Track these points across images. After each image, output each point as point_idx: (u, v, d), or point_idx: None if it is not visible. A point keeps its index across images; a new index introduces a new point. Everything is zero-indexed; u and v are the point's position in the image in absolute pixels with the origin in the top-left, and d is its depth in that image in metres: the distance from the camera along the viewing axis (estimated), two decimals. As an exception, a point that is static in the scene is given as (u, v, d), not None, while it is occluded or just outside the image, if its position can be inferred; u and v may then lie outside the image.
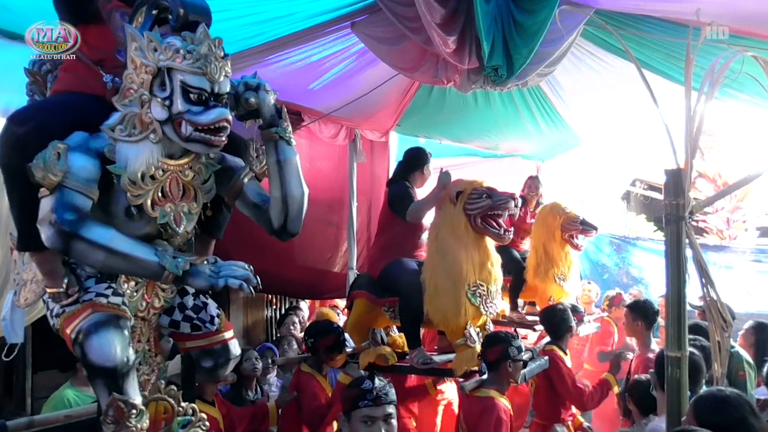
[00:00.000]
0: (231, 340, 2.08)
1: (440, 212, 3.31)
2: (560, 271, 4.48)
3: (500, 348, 3.06)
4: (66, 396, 3.11)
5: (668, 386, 2.04)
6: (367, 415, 1.99)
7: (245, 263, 1.71)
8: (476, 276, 3.16)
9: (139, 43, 1.66)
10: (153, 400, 1.94)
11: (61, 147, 1.62)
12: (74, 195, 1.62)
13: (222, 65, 1.69)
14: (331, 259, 5.33)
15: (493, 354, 3.07)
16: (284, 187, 1.85)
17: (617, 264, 7.79)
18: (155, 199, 1.75)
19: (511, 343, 3.06)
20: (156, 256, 1.64)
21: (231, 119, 1.71)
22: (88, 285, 1.81)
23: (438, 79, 3.59)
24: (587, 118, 5.64)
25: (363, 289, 3.55)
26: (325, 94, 4.31)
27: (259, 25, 3.26)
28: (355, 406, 2.02)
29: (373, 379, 2.08)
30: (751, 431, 1.82)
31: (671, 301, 2.07)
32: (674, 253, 2.06)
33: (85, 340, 1.68)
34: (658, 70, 3.91)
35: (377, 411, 2.00)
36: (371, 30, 3.50)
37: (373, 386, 2.03)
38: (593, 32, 3.85)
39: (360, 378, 2.18)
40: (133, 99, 1.69)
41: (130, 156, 1.69)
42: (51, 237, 1.60)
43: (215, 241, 2.26)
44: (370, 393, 2.01)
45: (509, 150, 6.66)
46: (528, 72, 3.48)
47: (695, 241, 2.09)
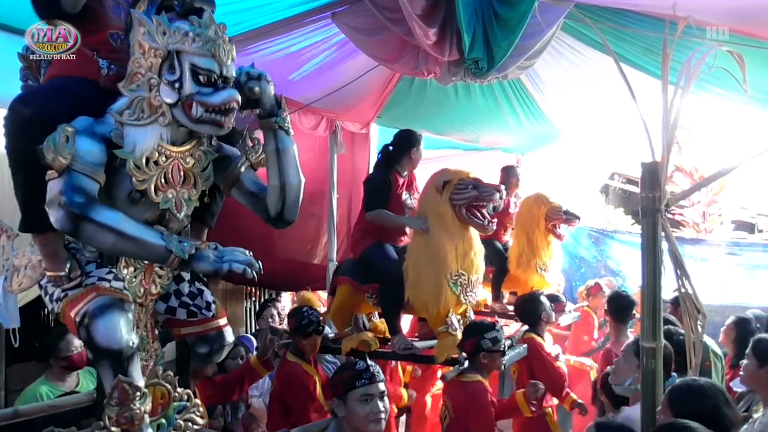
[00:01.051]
0: (225, 327, 2.12)
1: (426, 201, 3.34)
2: (542, 261, 4.54)
3: (473, 340, 3.11)
4: (39, 391, 3.07)
5: (643, 377, 2.07)
6: (366, 393, 2.07)
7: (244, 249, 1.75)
8: (458, 265, 3.21)
9: (147, 27, 1.68)
10: (151, 385, 1.96)
11: (69, 130, 1.64)
12: (82, 178, 1.64)
13: (229, 49, 1.74)
14: (311, 251, 5.32)
15: (468, 346, 3.13)
16: (282, 175, 1.90)
17: (595, 257, 7.87)
18: (158, 184, 1.78)
19: (483, 336, 3.10)
20: (163, 240, 1.67)
21: (239, 100, 1.74)
22: (89, 269, 1.83)
23: (418, 70, 3.58)
24: (567, 111, 5.68)
25: (346, 275, 3.57)
26: (305, 85, 4.27)
27: (239, 14, 3.22)
28: (352, 387, 2.09)
29: (365, 359, 2.17)
30: (724, 420, 1.86)
31: (647, 292, 2.10)
32: (650, 245, 2.09)
33: (91, 322, 1.70)
34: (636, 64, 3.94)
35: (374, 388, 2.09)
36: (352, 20, 3.48)
37: (367, 366, 2.12)
38: (573, 26, 3.87)
39: (350, 361, 2.23)
40: (141, 83, 1.71)
41: (139, 139, 1.71)
42: (60, 219, 1.62)
43: (207, 229, 2.27)
44: (366, 372, 2.11)
45: (490, 143, 6.69)
46: (508, 65, 3.49)
47: (671, 233, 2.12)
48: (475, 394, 3.06)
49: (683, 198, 6.08)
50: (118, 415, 1.73)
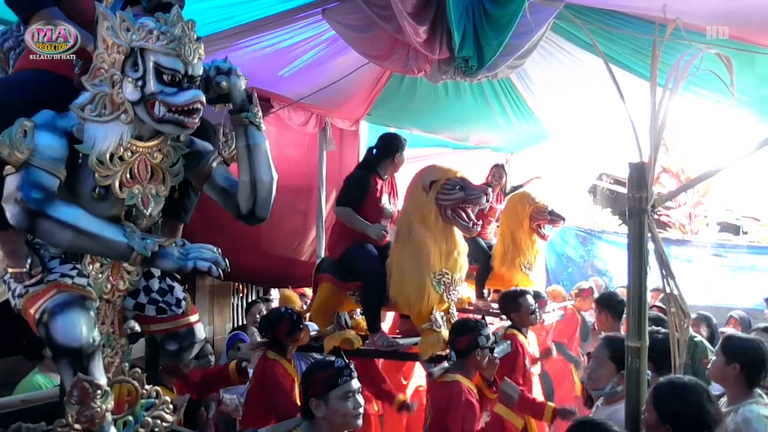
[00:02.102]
0: (196, 324, 2.08)
1: (411, 199, 3.32)
2: (526, 259, 4.56)
3: (470, 337, 3.09)
4: (36, 381, 3.09)
5: (628, 375, 2.09)
6: (347, 390, 2.08)
7: (213, 246, 1.71)
8: (442, 264, 3.21)
9: (111, 22, 1.64)
10: (117, 382, 1.94)
11: (27, 125, 1.59)
12: (40, 173, 1.60)
13: (196, 47, 1.69)
14: (298, 248, 5.30)
15: (462, 343, 3.10)
16: (253, 172, 1.85)
17: (582, 256, 7.92)
18: (123, 180, 1.74)
19: (480, 333, 3.09)
20: (124, 237, 1.63)
21: (204, 101, 1.71)
22: (53, 265, 1.79)
23: (408, 68, 3.59)
24: (556, 111, 5.71)
25: (328, 273, 3.55)
26: (295, 81, 4.26)
27: (230, 8, 3.21)
28: (334, 384, 2.09)
29: (338, 357, 2.16)
30: (707, 417, 1.88)
31: (632, 292, 2.11)
32: (636, 245, 2.10)
33: (49, 320, 1.67)
34: (625, 66, 3.97)
35: (354, 384, 2.11)
36: (342, 17, 3.47)
37: (345, 364, 2.13)
38: (563, 26, 3.89)
39: (325, 360, 2.22)
40: (104, 79, 1.67)
41: (99, 136, 1.67)
42: (16, 215, 1.57)
43: (182, 225, 2.24)
44: (347, 369, 2.12)
45: (479, 142, 6.71)
46: (498, 64, 3.51)
47: (657, 233, 2.13)
48: (455, 394, 3.02)
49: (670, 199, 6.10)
50: (79, 414, 1.70)
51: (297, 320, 3.44)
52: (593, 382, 2.63)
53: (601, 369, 2.57)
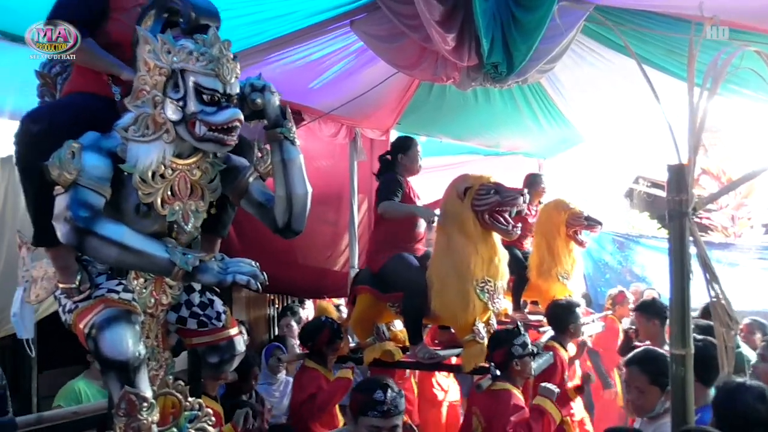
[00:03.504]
0: (236, 337, 2.11)
1: (447, 208, 3.30)
2: (563, 269, 4.45)
3: (504, 349, 3.05)
4: (77, 387, 3.17)
5: (673, 384, 2.02)
6: (375, 425, 2.05)
7: (251, 260, 1.74)
8: (484, 272, 3.17)
9: (152, 45, 1.69)
10: (161, 395, 1.97)
11: (75, 146, 1.65)
12: (88, 193, 1.65)
13: (233, 67, 1.73)
14: (330, 258, 5.33)
15: (498, 356, 3.07)
16: (288, 186, 1.89)
17: (620, 262, 7.74)
18: (165, 197, 1.78)
19: (513, 342, 3.05)
20: (167, 253, 1.67)
21: (242, 119, 1.74)
22: (100, 281, 1.85)
23: (437, 76, 3.57)
24: (589, 114, 5.62)
25: (366, 284, 3.55)
26: (325, 93, 4.30)
27: (259, 24, 3.26)
28: (364, 414, 2.05)
29: (386, 390, 2.09)
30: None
31: (675, 298, 2.04)
32: (678, 250, 2.03)
33: (98, 334, 1.72)
34: (659, 66, 3.88)
35: (385, 423, 2.05)
36: (370, 28, 3.49)
37: (385, 399, 2.06)
38: (593, 28, 3.82)
39: (372, 384, 2.19)
40: (146, 100, 1.72)
41: (141, 155, 1.72)
42: (66, 233, 1.63)
43: (220, 239, 2.29)
44: (381, 405, 2.05)
45: (510, 147, 6.64)
46: (528, 69, 3.46)
47: (699, 237, 2.07)
48: (506, 401, 3.00)
49: (711, 201, 5.93)
50: (126, 426, 1.74)
51: (337, 329, 3.47)
52: (641, 410, 2.48)
53: (645, 396, 2.45)
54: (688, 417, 1.96)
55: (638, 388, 2.47)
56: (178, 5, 1.72)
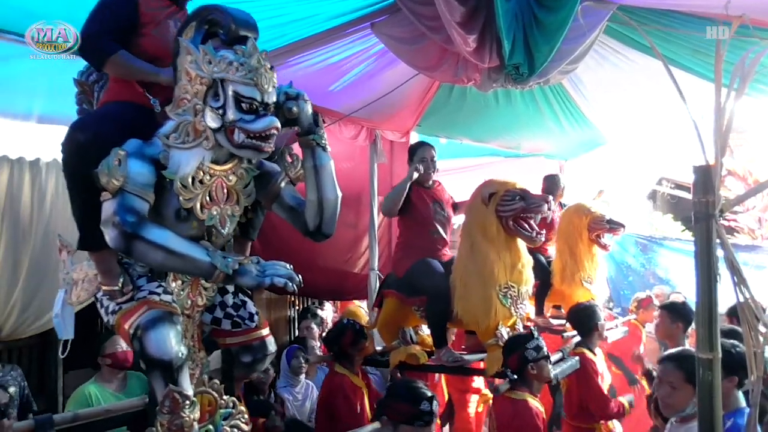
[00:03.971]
0: (268, 337, 2.18)
1: (471, 213, 3.31)
2: (587, 273, 4.40)
3: (517, 354, 3.04)
4: (87, 391, 3.18)
5: (700, 390, 1.98)
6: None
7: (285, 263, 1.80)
8: (507, 277, 3.17)
9: (194, 56, 1.76)
10: (198, 393, 2.03)
11: (121, 153, 1.72)
12: (133, 198, 1.72)
13: (270, 76, 1.79)
14: (350, 260, 5.34)
15: (512, 361, 3.06)
16: (320, 190, 1.96)
17: (643, 265, 7.64)
18: (203, 202, 1.85)
19: (526, 346, 3.03)
20: (208, 256, 1.74)
21: (279, 127, 1.80)
22: (141, 283, 1.92)
23: (458, 78, 3.56)
24: (611, 116, 5.55)
25: (393, 288, 3.58)
26: (346, 95, 4.31)
27: (280, 28, 3.28)
28: (409, 423, 2.15)
29: (432, 401, 2.21)
30: None
31: (701, 301, 2.00)
32: (704, 252, 1.99)
33: (143, 334, 1.78)
34: (684, 66, 3.82)
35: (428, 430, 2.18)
36: (391, 30, 3.49)
37: (431, 410, 2.18)
38: (616, 28, 3.78)
39: (418, 394, 2.27)
40: (187, 108, 1.79)
41: (183, 161, 1.79)
42: (114, 238, 1.70)
43: (250, 242, 2.34)
44: (428, 416, 2.18)
45: (531, 149, 6.60)
46: (549, 69, 3.43)
47: (726, 239, 2.03)
48: (520, 414, 2.97)
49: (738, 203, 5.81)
50: (169, 423, 1.80)
51: (360, 330, 3.50)
52: (671, 408, 2.45)
53: (678, 394, 2.40)
54: (715, 423, 1.93)
55: (671, 384, 2.43)
56: (219, 17, 1.79)
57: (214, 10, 1.81)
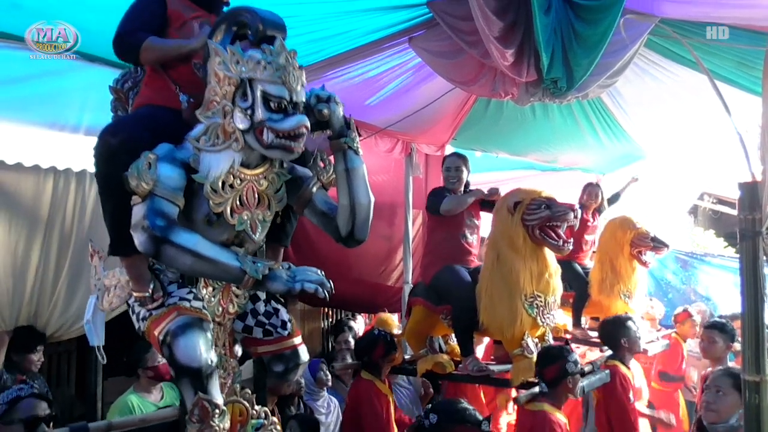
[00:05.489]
0: (300, 346, 2.14)
1: (497, 222, 3.31)
2: (626, 287, 4.34)
3: (558, 366, 2.98)
4: (130, 401, 3.24)
5: (746, 413, 1.92)
6: None
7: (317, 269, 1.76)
8: (534, 287, 3.14)
9: (222, 57, 1.75)
10: (229, 402, 2.01)
11: (151, 157, 1.71)
12: (163, 202, 1.70)
13: (298, 75, 1.77)
14: (384, 272, 5.35)
15: (551, 372, 3.00)
16: (352, 195, 1.91)
17: (684, 281, 7.45)
18: (234, 206, 1.82)
19: (567, 359, 2.99)
20: (238, 261, 1.71)
21: (308, 125, 1.77)
22: (171, 289, 1.90)
23: (495, 92, 3.55)
24: (651, 129, 5.45)
25: (420, 296, 3.60)
26: (382, 109, 4.34)
27: (318, 42, 3.32)
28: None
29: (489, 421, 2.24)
30: None
31: (748, 321, 1.95)
32: (750, 271, 1.95)
33: (172, 341, 1.76)
34: (728, 80, 3.74)
35: None
36: (428, 44, 3.50)
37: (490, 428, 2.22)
38: (656, 41, 3.72)
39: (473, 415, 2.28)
40: (216, 110, 1.77)
41: (213, 164, 1.77)
42: (144, 242, 1.68)
43: (283, 249, 2.32)
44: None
45: (568, 163, 6.52)
46: (588, 84, 3.39)
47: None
48: (539, 425, 2.92)
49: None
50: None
51: (391, 341, 3.51)
52: (715, 414, 2.39)
53: (725, 399, 2.35)
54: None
55: (719, 388, 2.39)
56: (247, 18, 1.77)
57: (242, 12, 1.80)
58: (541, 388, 3.04)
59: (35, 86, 3.01)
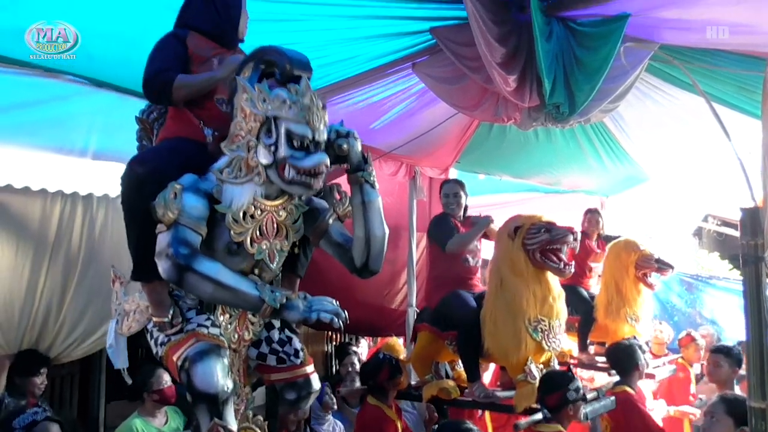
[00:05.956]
0: (312, 374, 2.18)
1: (499, 248, 3.32)
2: (632, 310, 4.31)
3: (559, 394, 2.98)
4: (134, 425, 3.23)
5: (752, 440, 1.91)
6: None
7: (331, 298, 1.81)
8: (537, 311, 3.14)
9: (249, 94, 1.80)
10: (242, 428, 2.03)
11: (177, 187, 1.77)
12: (187, 231, 1.76)
13: (322, 115, 1.83)
14: (388, 296, 5.33)
15: (552, 399, 2.99)
16: (368, 227, 1.97)
17: (689, 304, 7.40)
18: (254, 236, 1.88)
19: (569, 387, 2.97)
20: (257, 290, 1.76)
21: (329, 164, 1.83)
22: (189, 316, 1.95)
23: (498, 117, 3.59)
24: (654, 152, 5.48)
25: (426, 322, 3.60)
26: (386, 133, 4.37)
27: (324, 68, 3.37)
28: None
29: None
30: None
31: (752, 346, 1.94)
32: (753, 296, 1.94)
33: (190, 367, 1.81)
34: (729, 104, 3.77)
35: None
36: (432, 70, 3.54)
37: None
38: (658, 66, 3.76)
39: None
40: (241, 144, 1.83)
41: (236, 196, 1.83)
42: (167, 270, 1.74)
43: (299, 279, 2.35)
44: None
45: (571, 186, 6.54)
46: (590, 108, 3.43)
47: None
48: None
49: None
50: None
51: (396, 365, 3.51)
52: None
53: (718, 425, 2.36)
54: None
55: (713, 414, 2.43)
56: (275, 58, 1.84)
57: (270, 51, 1.86)
58: (544, 414, 3.02)
59: (43, 111, 3.06)
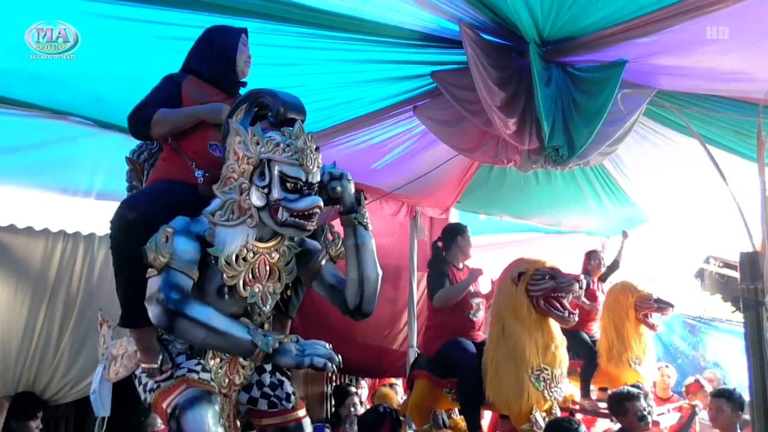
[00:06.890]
0: (304, 419, 2.13)
1: (501, 293, 3.28)
2: (635, 354, 4.27)
3: None
4: None
5: (758, 489, 1.87)
6: None
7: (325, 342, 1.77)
8: (540, 359, 3.10)
9: (243, 137, 1.80)
10: None
11: (169, 231, 1.74)
12: (178, 275, 1.73)
13: (315, 157, 1.83)
14: (389, 336, 5.29)
15: None
16: (361, 269, 1.95)
17: (692, 346, 7.32)
18: (246, 279, 1.85)
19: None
20: (249, 335, 1.72)
21: (322, 206, 1.82)
22: (179, 361, 1.91)
23: (498, 159, 3.62)
24: (654, 194, 5.50)
25: (424, 369, 3.53)
26: (387, 173, 4.42)
27: (326, 111, 3.43)
28: None
29: None
30: None
31: (755, 392, 1.92)
32: (755, 341, 1.93)
33: (180, 414, 1.76)
34: (727, 147, 3.81)
35: None
36: (432, 113, 3.60)
37: None
38: (657, 111, 3.82)
39: None
40: (233, 187, 1.82)
41: (228, 239, 1.80)
42: (158, 315, 1.70)
43: (290, 320, 2.33)
44: None
45: (572, 226, 6.55)
46: (589, 151, 3.46)
47: (778, 327, 1.96)
48: None
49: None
50: None
51: (397, 419, 3.43)
52: None
53: None
54: None
55: None
56: (268, 101, 1.84)
57: (264, 94, 1.86)
58: None
59: (49, 152, 3.11)
